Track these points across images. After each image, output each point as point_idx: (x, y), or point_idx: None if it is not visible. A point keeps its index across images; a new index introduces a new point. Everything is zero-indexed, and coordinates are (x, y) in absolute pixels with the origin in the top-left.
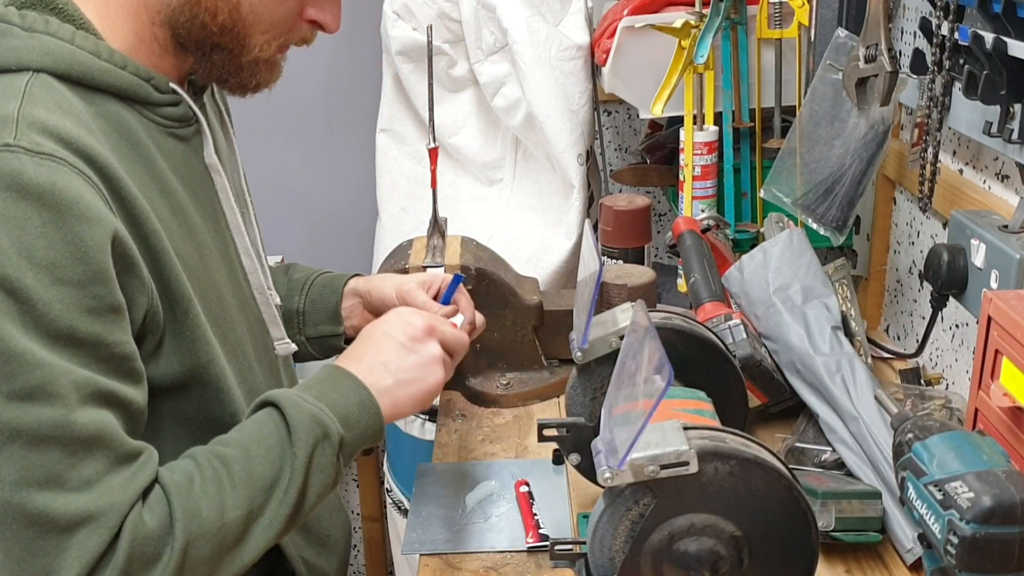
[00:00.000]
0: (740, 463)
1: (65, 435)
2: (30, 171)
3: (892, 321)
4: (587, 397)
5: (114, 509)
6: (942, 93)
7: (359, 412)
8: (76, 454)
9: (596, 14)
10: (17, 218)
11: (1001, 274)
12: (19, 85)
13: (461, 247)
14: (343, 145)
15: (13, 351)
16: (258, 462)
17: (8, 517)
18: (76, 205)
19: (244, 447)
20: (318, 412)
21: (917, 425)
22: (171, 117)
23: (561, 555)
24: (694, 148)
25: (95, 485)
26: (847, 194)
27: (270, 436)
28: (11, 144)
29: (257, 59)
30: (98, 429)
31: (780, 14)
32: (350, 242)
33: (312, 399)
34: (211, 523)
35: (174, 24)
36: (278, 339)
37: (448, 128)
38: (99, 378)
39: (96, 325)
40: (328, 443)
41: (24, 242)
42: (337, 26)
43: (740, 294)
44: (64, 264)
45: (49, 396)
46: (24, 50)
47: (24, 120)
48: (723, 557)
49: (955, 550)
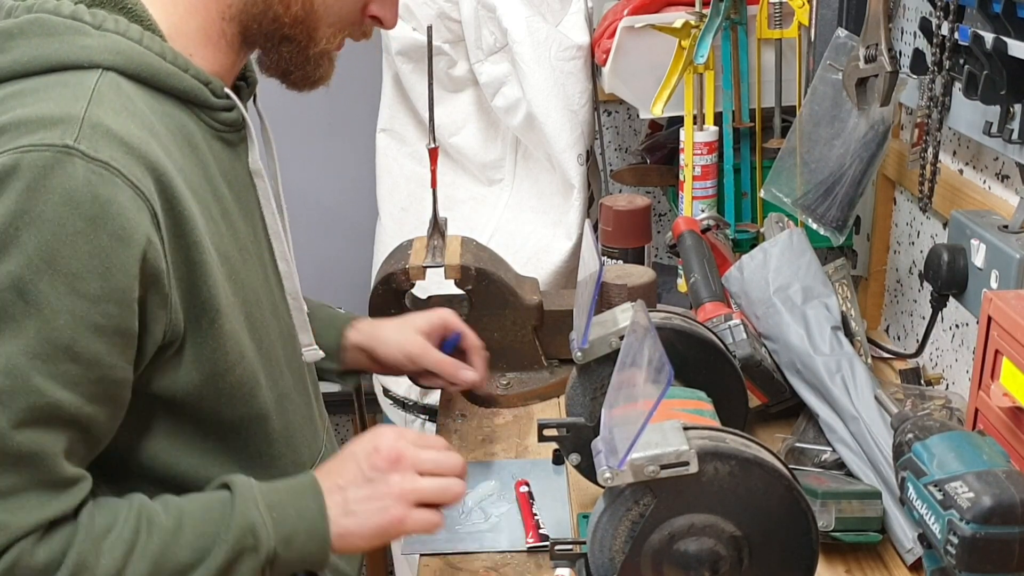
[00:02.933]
0: (740, 463)
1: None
2: (80, 177)
3: (892, 321)
4: (587, 397)
5: (9, 528)
6: (942, 93)
7: (305, 537)
8: (1, 465)
9: (596, 14)
10: (52, 221)
11: (1001, 274)
12: (88, 84)
13: (461, 247)
14: (343, 145)
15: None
16: (183, 543)
17: None
18: (113, 220)
19: (179, 522)
20: (258, 523)
21: (917, 425)
22: (224, 122)
23: (561, 555)
24: (694, 148)
25: (5, 499)
26: (847, 194)
27: (207, 523)
28: (71, 146)
29: (323, 51)
30: (33, 451)
31: (780, 14)
32: (350, 242)
33: (263, 508)
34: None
35: (245, 17)
36: (306, 345)
37: (448, 128)
38: (73, 399)
39: (97, 344)
40: (255, 556)
41: (52, 247)
42: (394, 22)
43: (740, 294)
44: (85, 276)
45: (1, 405)
46: (96, 48)
47: (88, 122)
48: (723, 557)
49: (955, 550)
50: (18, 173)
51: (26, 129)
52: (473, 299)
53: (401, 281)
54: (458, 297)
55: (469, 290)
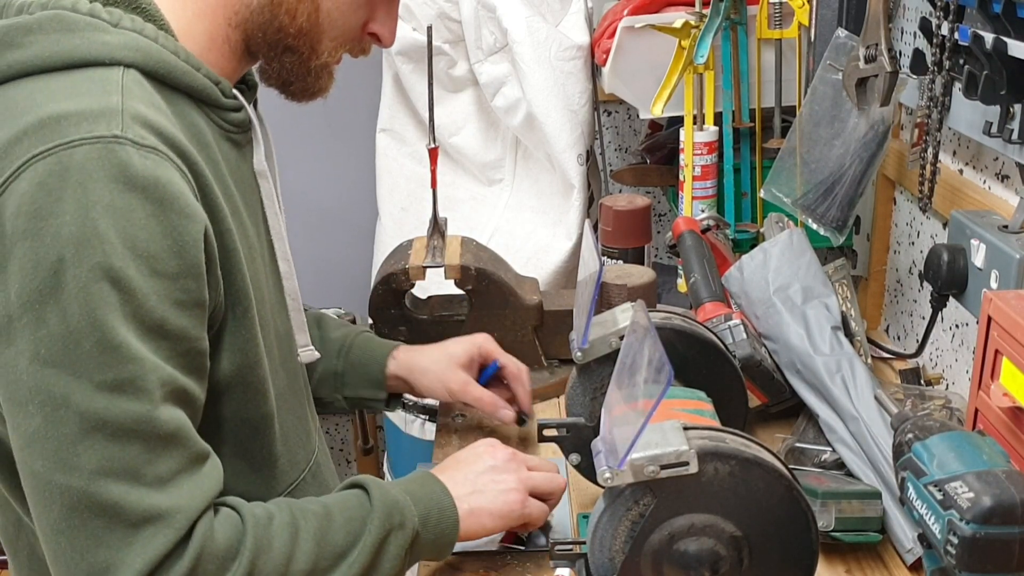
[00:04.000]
0: (740, 463)
1: (147, 430)
2: (137, 163)
3: (892, 321)
4: (587, 397)
5: (183, 512)
6: (942, 93)
7: (438, 516)
8: (154, 450)
9: (596, 14)
10: (123, 209)
11: (1001, 274)
12: (115, 79)
13: (461, 247)
14: (343, 145)
15: (111, 342)
16: (336, 528)
17: (81, 505)
18: (177, 200)
19: (327, 509)
20: (402, 502)
21: (917, 425)
22: (232, 122)
23: (561, 555)
24: (694, 148)
25: (168, 484)
26: (847, 194)
27: (352, 509)
28: (119, 136)
29: (324, 64)
30: (176, 427)
31: (780, 14)
32: (350, 242)
33: (399, 490)
34: (277, 565)
35: (250, 25)
36: (303, 346)
37: (448, 128)
38: (178, 375)
39: (183, 319)
40: (402, 533)
41: (128, 232)
42: (392, 41)
43: (740, 294)
44: (162, 256)
45: (137, 391)
46: (115, 45)
47: (128, 113)
48: (723, 557)
49: (955, 550)
50: (77, 166)
51: (69, 123)
52: (473, 299)
53: (401, 281)
54: (458, 297)
55: (469, 290)
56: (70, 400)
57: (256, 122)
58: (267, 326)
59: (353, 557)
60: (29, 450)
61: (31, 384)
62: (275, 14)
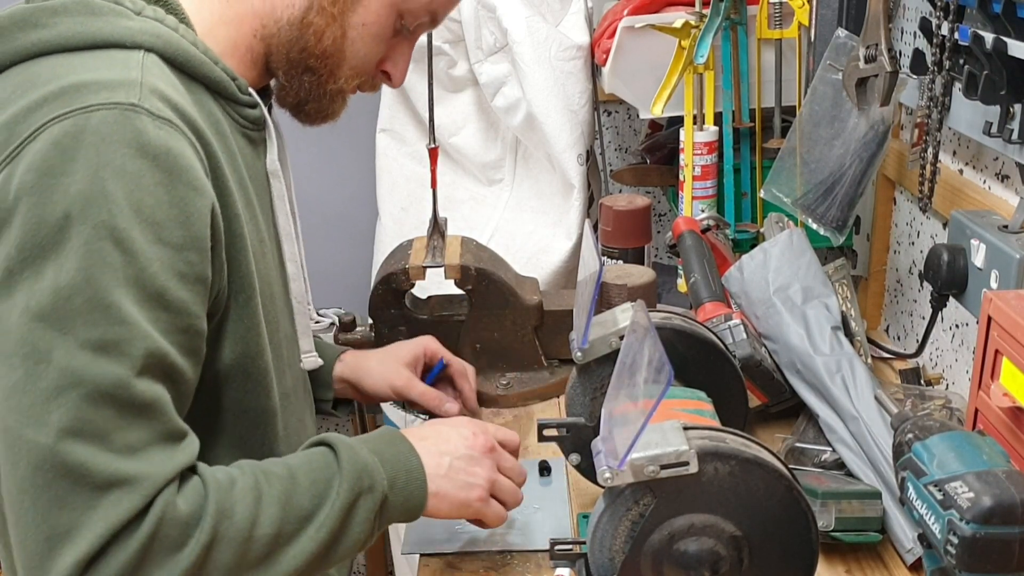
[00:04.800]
0: (740, 463)
1: (123, 396)
2: (151, 132)
3: (892, 321)
4: (587, 397)
5: (150, 479)
6: (942, 93)
7: (406, 479)
8: (126, 418)
9: (596, 14)
10: (133, 174)
11: (1001, 274)
12: (136, 59)
13: (461, 247)
14: (343, 145)
15: (103, 302)
16: (301, 490)
17: (46, 464)
18: (187, 172)
19: (291, 472)
20: (371, 464)
21: (917, 425)
22: (247, 117)
23: (561, 555)
24: (694, 148)
25: (137, 453)
26: (847, 194)
27: (318, 471)
28: (136, 104)
29: (340, 90)
30: (153, 399)
31: (780, 14)
32: (350, 242)
33: (367, 451)
34: (240, 530)
35: (276, 40)
36: (306, 351)
37: (448, 128)
38: (170, 350)
39: (183, 291)
40: (371, 496)
41: (136, 197)
42: (401, 82)
43: (740, 294)
44: (168, 225)
45: (120, 354)
46: (137, 30)
47: (146, 86)
48: (723, 557)
49: (955, 550)
50: (92, 129)
51: (88, 90)
52: (473, 299)
53: (401, 281)
54: (458, 297)
55: (469, 290)
56: (52, 355)
57: (271, 124)
58: (273, 323)
59: (320, 520)
60: (6, 403)
61: (19, 336)
62: (303, 33)
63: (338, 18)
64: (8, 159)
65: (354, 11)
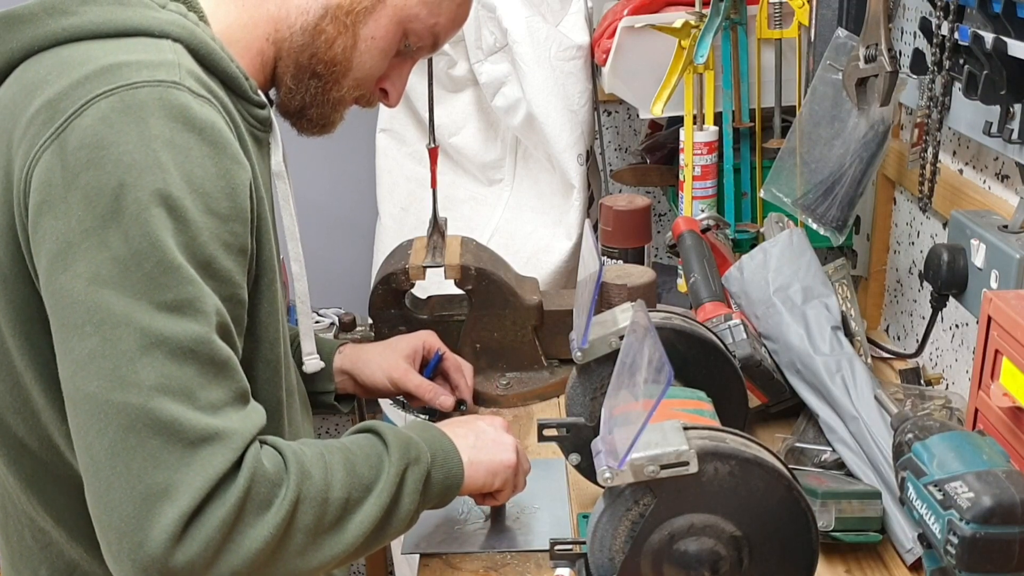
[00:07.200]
0: (740, 463)
1: (204, 353)
2: (195, 107)
3: (892, 321)
4: (587, 397)
5: (239, 434)
6: (942, 93)
7: (444, 456)
8: (207, 375)
9: (596, 14)
10: (182, 146)
11: (1001, 274)
12: (166, 45)
13: (461, 247)
14: (343, 145)
15: (171, 263)
16: (360, 460)
17: (139, 423)
18: (230, 145)
19: (345, 448)
20: (415, 439)
21: (917, 425)
22: (256, 118)
23: (561, 555)
24: (694, 148)
25: (219, 411)
26: (847, 194)
27: (368, 447)
28: (178, 82)
29: (341, 99)
30: (228, 356)
31: (780, 14)
32: (350, 242)
33: (406, 431)
34: (320, 490)
35: (286, 45)
36: (308, 353)
37: (448, 128)
38: (225, 313)
39: (228, 261)
40: (418, 467)
41: (186, 167)
42: (397, 102)
43: (740, 294)
44: (215, 196)
45: (196, 312)
46: (165, 21)
47: (183, 67)
48: (723, 557)
49: (955, 550)
50: (140, 104)
51: (131, 69)
52: (473, 299)
53: (401, 281)
54: (458, 297)
55: (469, 290)
56: (130, 318)
57: (276, 126)
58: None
59: (379, 488)
60: (83, 372)
61: (89, 304)
62: (314, 40)
63: (350, 28)
64: (55, 134)
65: (365, 24)
